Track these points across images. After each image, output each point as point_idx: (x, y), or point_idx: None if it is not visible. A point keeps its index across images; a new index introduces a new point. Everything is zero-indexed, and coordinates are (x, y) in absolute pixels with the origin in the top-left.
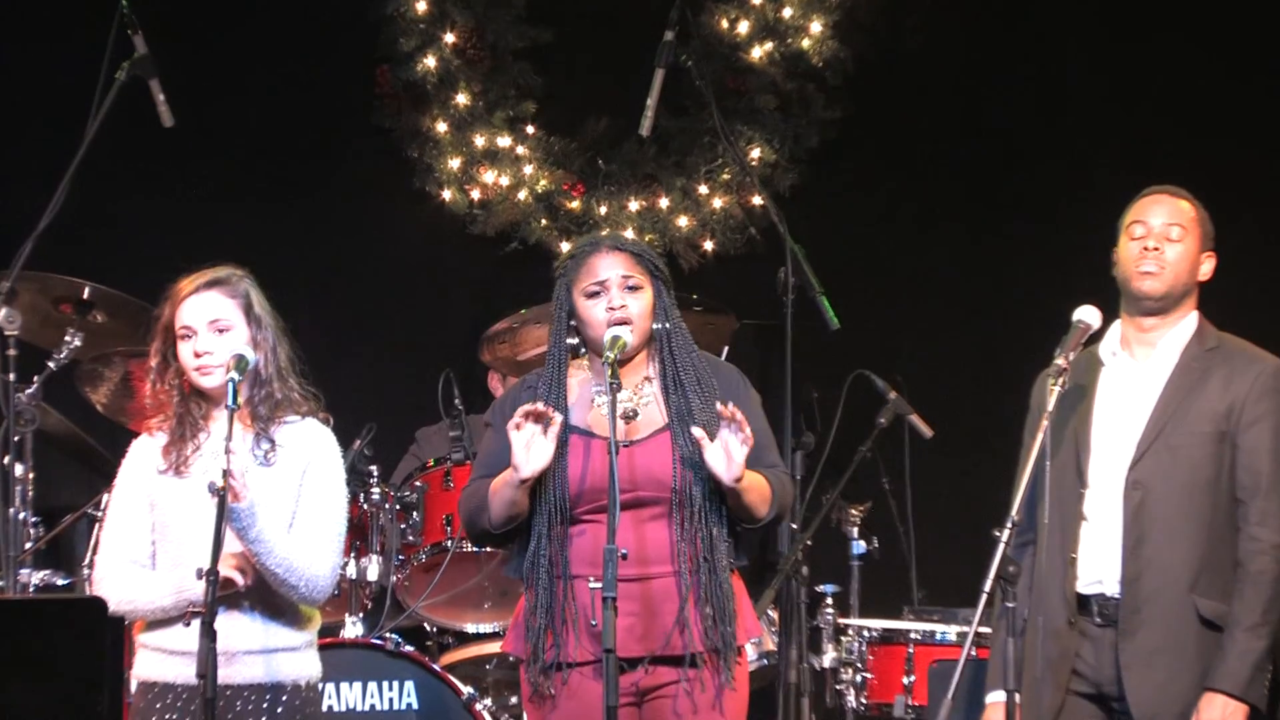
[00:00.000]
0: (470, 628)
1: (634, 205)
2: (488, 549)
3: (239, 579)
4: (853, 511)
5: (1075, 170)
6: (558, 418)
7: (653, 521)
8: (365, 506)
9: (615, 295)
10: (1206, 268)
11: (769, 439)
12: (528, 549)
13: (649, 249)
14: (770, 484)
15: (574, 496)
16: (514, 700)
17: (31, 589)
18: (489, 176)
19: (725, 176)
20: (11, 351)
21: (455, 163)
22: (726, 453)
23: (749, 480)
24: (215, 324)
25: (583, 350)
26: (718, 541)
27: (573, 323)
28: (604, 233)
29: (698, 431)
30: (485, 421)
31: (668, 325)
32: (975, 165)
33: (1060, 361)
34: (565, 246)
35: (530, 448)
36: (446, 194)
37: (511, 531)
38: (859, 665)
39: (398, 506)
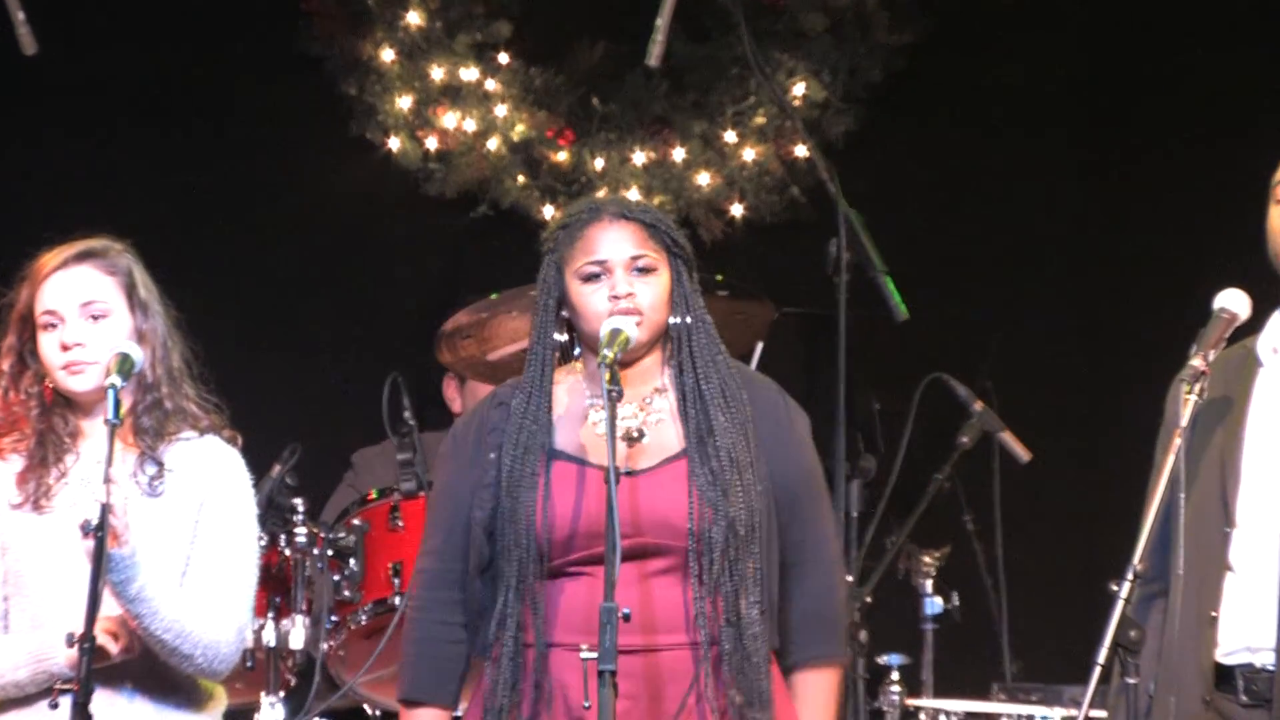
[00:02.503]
0: None
1: (639, 158)
2: None
3: (113, 647)
4: (926, 559)
5: (1221, 116)
6: None
7: (661, 577)
8: (287, 552)
9: (620, 280)
10: None
11: (816, 488)
12: (492, 608)
13: (666, 218)
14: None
15: (559, 541)
16: None
17: None
18: (449, 120)
19: (759, 120)
20: None
21: (405, 102)
22: None
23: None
24: (89, 308)
25: (576, 351)
26: (748, 604)
27: (563, 313)
28: (604, 195)
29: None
30: (442, 450)
31: (688, 320)
32: (1088, 110)
33: (1198, 363)
34: (551, 212)
35: None
36: (394, 143)
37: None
38: None
39: (329, 552)
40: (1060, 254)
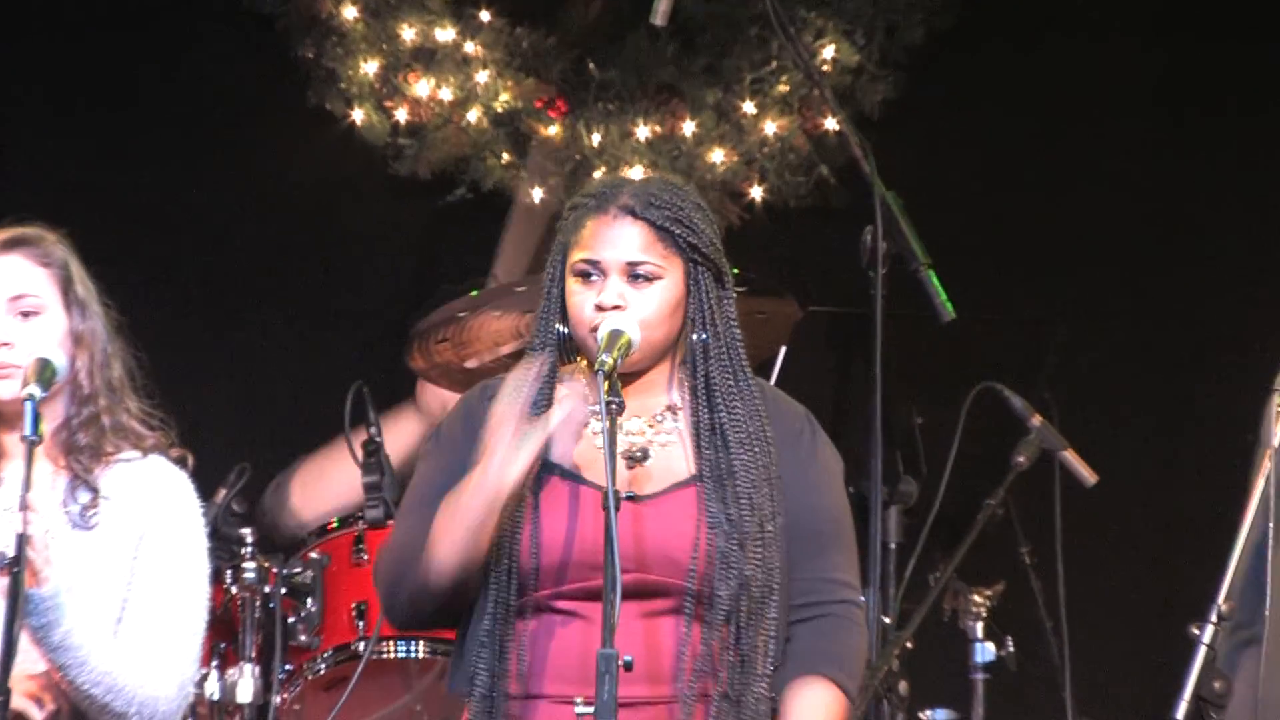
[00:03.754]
0: None
1: (643, 132)
2: (420, 648)
3: (36, 715)
4: (976, 599)
5: None
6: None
7: (666, 618)
8: (234, 590)
9: (611, 287)
10: None
11: (840, 530)
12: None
13: (691, 217)
14: (846, 692)
15: (548, 570)
16: None
17: None
18: (422, 88)
19: (782, 88)
20: None
21: (371, 67)
22: None
23: None
24: (18, 303)
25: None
26: (753, 659)
27: (564, 303)
28: (624, 180)
29: None
30: (425, 449)
31: (705, 336)
32: (1169, 80)
33: None
34: (540, 196)
35: (520, 431)
36: (357, 115)
37: (456, 605)
38: None
39: (283, 590)
40: (1131, 246)
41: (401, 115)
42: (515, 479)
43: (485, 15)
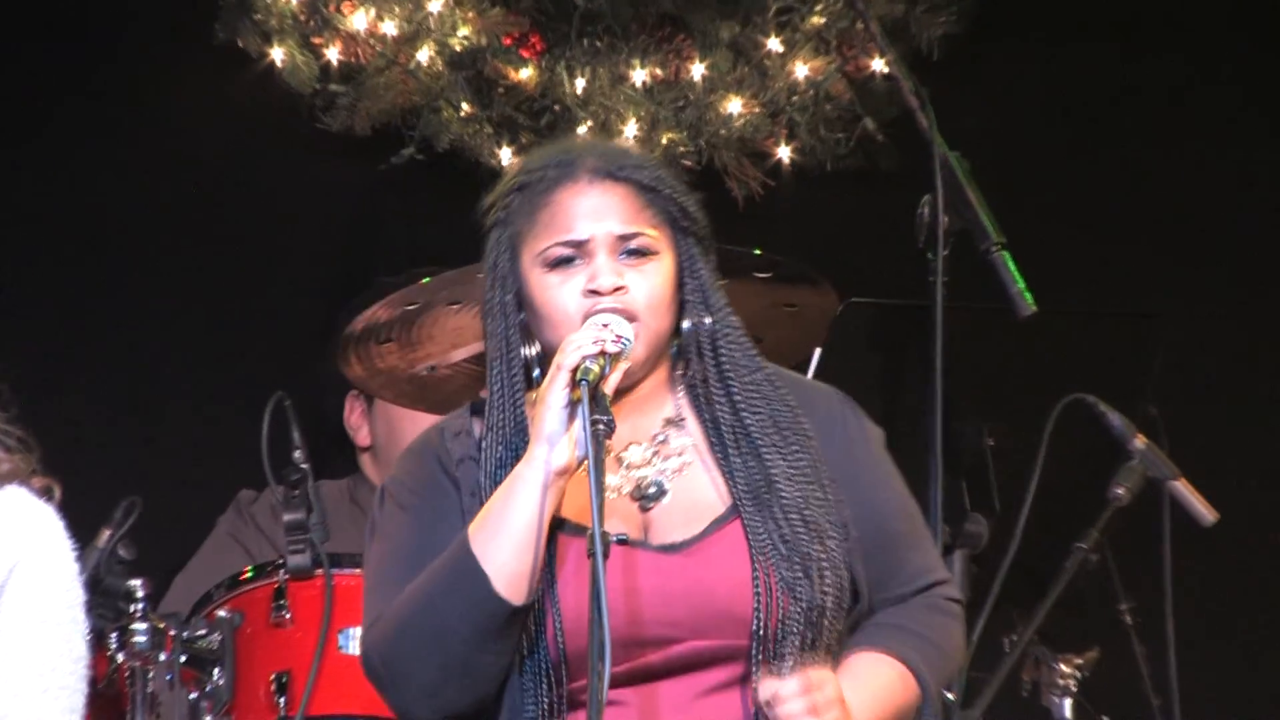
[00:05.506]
0: None
1: (639, 76)
2: None
3: None
4: (1063, 669)
5: None
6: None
7: (725, 693)
8: (120, 658)
9: (604, 267)
10: None
11: (914, 523)
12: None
13: (670, 176)
14: (920, 677)
15: (579, 657)
16: None
17: None
18: (359, 20)
19: (816, 20)
20: None
21: None
22: None
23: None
24: None
25: (537, 372)
26: None
27: (523, 316)
28: (582, 138)
29: (766, 690)
30: (375, 519)
31: (707, 320)
32: None
33: None
34: (509, 157)
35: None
36: (277, 54)
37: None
38: None
39: (184, 658)
40: (1256, 221)
41: (333, 55)
42: (571, 461)
43: None
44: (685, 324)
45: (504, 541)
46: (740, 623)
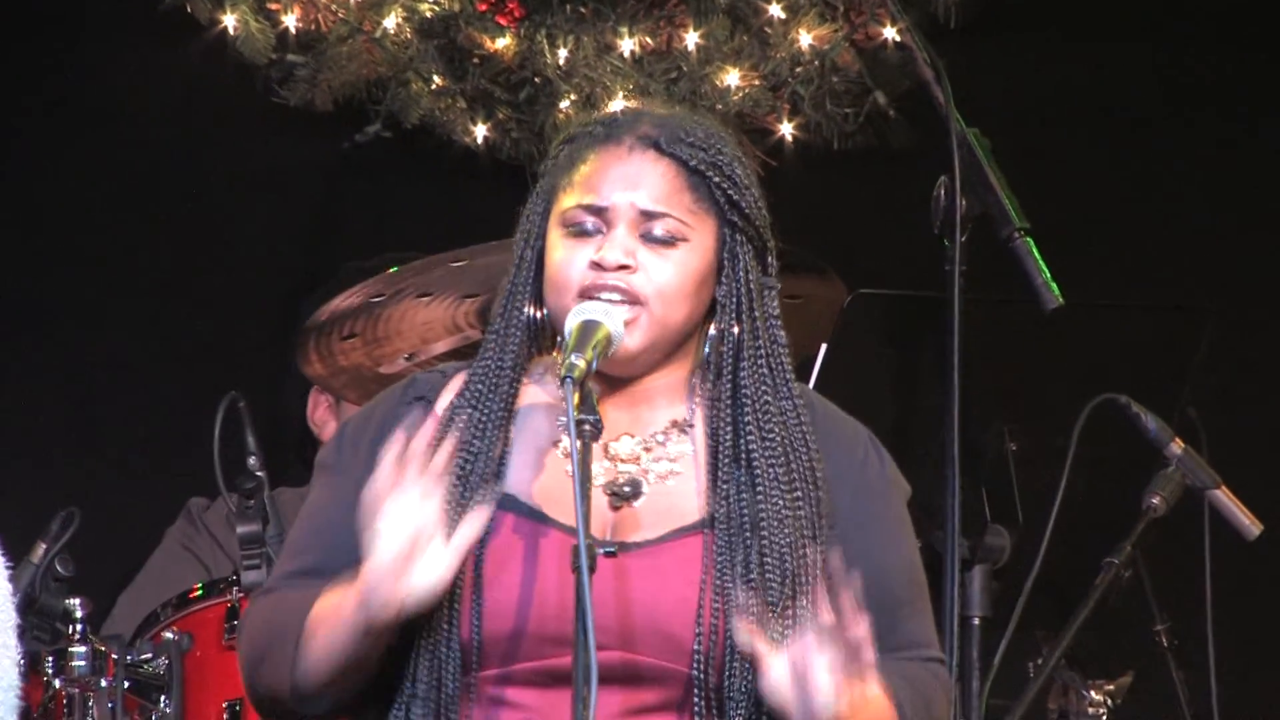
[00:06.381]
0: None
1: (628, 46)
2: None
3: None
4: (1094, 695)
5: None
6: (494, 488)
7: (660, 715)
8: (58, 685)
9: (617, 241)
10: None
11: (917, 592)
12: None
13: (733, 166)
14: (900, 709)
15: (495, 643)
16: None
17: None
18: None
19: None
20: None
21: None
22: (805, 680)
23: (857, 708)
24: None
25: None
26: None
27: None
28: (644, 109)
29: (744, 636)
30: (319, 467)
31: (736, 330)
32: None
33: None
34: (484, 134)
35: (420, 545)
36: (230, 20)
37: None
38: None
39: (127, 685)
40: None
41: (291, 22)
42: (406, 608)
43: None
44: (711, 330)
45: (322, 640)
46: (676, 645)
